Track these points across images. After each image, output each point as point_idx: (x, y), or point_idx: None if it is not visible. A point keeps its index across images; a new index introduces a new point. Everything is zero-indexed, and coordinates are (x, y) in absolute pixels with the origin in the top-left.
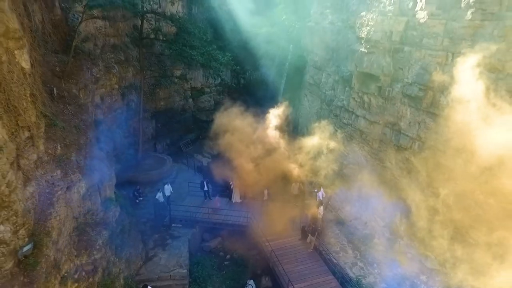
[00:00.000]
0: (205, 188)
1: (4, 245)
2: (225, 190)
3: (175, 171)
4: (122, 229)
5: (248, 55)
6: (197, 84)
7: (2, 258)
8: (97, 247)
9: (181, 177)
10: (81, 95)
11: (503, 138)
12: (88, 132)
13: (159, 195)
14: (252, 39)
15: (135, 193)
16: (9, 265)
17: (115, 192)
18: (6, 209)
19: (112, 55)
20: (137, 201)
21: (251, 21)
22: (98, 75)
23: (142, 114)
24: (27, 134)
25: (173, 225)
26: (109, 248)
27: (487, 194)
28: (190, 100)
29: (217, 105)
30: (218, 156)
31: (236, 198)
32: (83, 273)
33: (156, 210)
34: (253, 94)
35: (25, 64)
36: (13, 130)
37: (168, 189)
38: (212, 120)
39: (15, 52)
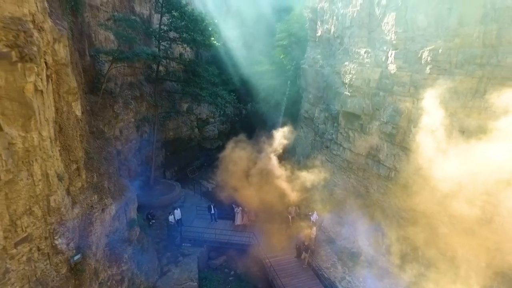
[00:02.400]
0: (212, 211)
1: (61, 254)
2: (230, 213)
3: (183, 196)
4: (141, 246)
5: (249, 89)
6: (202, 115)
7: (60, 264)
8: (124, 260)
9: (188, 201)
10: (106, 130)
11: (460, 167)
12: (114, 162)
13: (171, 218)
14: (253, 75)
15: (148, 216)
16: (64, 270)
17: (137, 214)
18: (62, 226)
19: (129, 92)
20: (150, 223)
21: (252, 59)
22: (118, 111)
23: (155, 144)
24: (75, 166)
25: (183, 244)
26: (133, 262)
27: (451, 216)
28: (196, 130)
29: (220, 134)
30: (222, 182)
31: (239, 220)
32: (114, 282)
33: (169, 231)
34: (254, 124)
35: (78, 112)
36: (66, 164)
37: (177, 213)
38: (216, 148)
39: (72, 103)
